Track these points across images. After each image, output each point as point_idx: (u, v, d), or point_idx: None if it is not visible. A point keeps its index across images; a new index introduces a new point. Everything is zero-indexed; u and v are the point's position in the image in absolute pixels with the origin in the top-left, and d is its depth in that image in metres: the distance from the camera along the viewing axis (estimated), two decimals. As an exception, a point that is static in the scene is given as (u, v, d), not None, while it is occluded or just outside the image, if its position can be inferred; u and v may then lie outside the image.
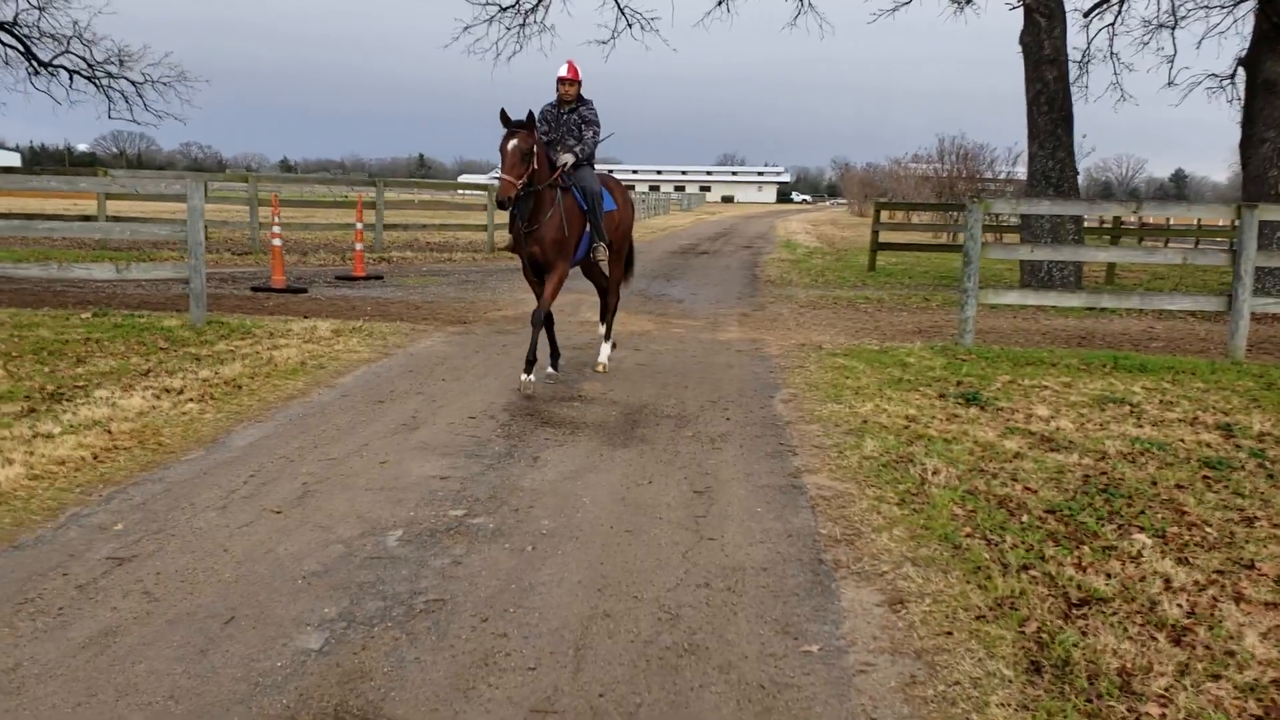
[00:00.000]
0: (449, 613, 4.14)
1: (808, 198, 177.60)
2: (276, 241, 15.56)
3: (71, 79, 22.90)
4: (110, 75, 23.03)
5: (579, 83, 8.90)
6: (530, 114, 8.08)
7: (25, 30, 22.14)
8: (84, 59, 22.83)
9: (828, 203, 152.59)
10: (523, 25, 21.86)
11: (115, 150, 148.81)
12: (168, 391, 7.71)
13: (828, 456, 6.64)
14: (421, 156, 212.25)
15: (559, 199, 8.41)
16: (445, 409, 7.67)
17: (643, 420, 7.57)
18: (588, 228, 8.79)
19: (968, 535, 5.10)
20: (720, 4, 23.00)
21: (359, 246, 17.63)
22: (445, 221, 25.28)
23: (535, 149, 8.02)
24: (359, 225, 17.65)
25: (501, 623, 4.07)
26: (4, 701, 3.36)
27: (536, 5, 21.75)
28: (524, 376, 8.33)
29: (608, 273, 9.75)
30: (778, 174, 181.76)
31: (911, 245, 24.41)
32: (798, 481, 6.09)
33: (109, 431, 6.49)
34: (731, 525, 5.29)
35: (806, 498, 5.78)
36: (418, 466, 6.17)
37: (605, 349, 9.68)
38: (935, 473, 6.16)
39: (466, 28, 21.23)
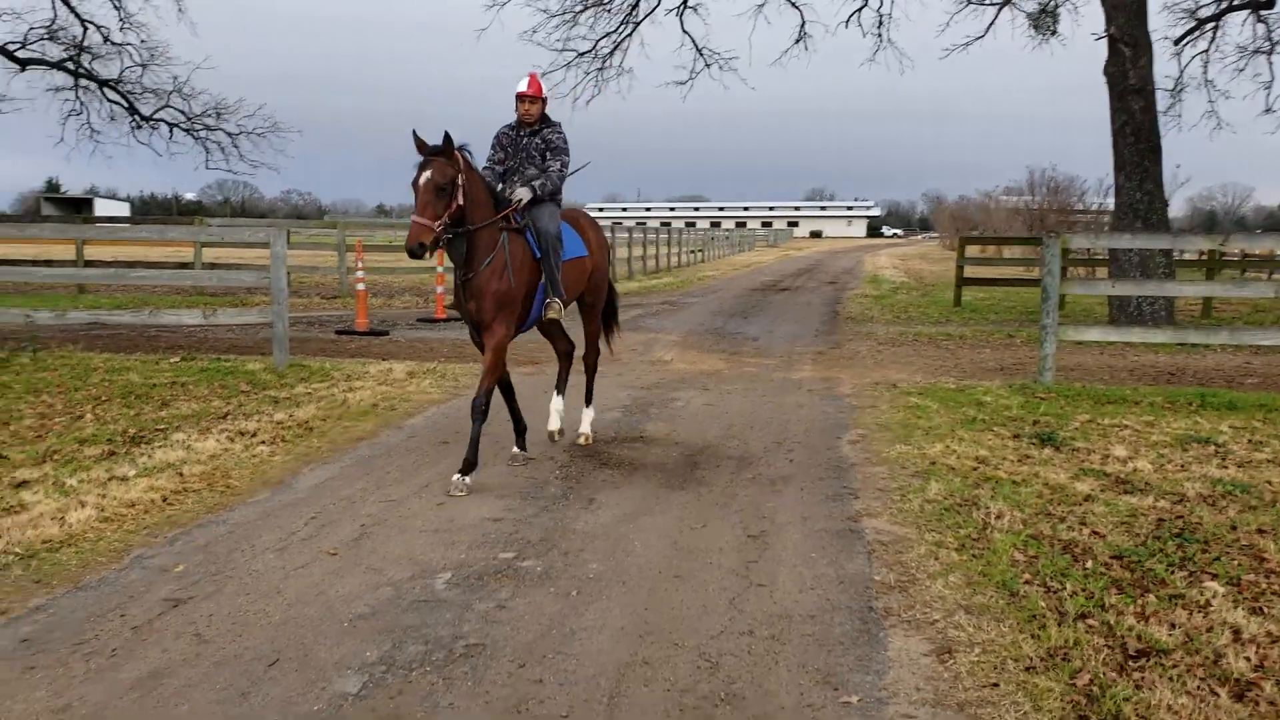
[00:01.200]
0: (487, 658, 4.15)
1: (899, 232, 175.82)
2: (360, 286, 15.97)
3: (171, 131, 23.96)
4: (207, 127, 24.02)
5: (543, 100, 7.37)
6: (447, 136, 6.44)
7: (129, 86, 23.27)
8: (183, 112, 23.89)
9: (919, 236, 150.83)
10: (600, 69, 22.17)
11: (220, 198, 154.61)
12: (241, 434, 7.93)
13: (890, 500, 6.51)
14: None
15: (504, 242, 6.82)
16: (508, 449, 7.73)
17: (703, 462, 7.52)
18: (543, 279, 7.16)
19: (1026, 582, 4.94)
20: (798, 42, 23.04)
21: (439, 289, 17.98)
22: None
23: (460, 180, 6.45)
24: (439, 269, 18.01)
25: (539, 669, 4.06)
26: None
27: (614, 50, 22.06)
28: (455, 477, 6.58)
29: (566, 332, 8.28)
30: (867, 208, 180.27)
31: (999, 280, 23.94)
32: (856, 526, 5.98)
33: (180, 474, 6.70)
34: (783, 571, 5.21)
35: (864, 543, 5.67)
36: (474, 508, 6.22)
37: (586, 414, 8.23)
38: (999, 516, 5.99)
39: (543, 74, 21.55)
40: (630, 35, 22.54)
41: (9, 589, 4.77)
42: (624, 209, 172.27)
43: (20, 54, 21.90)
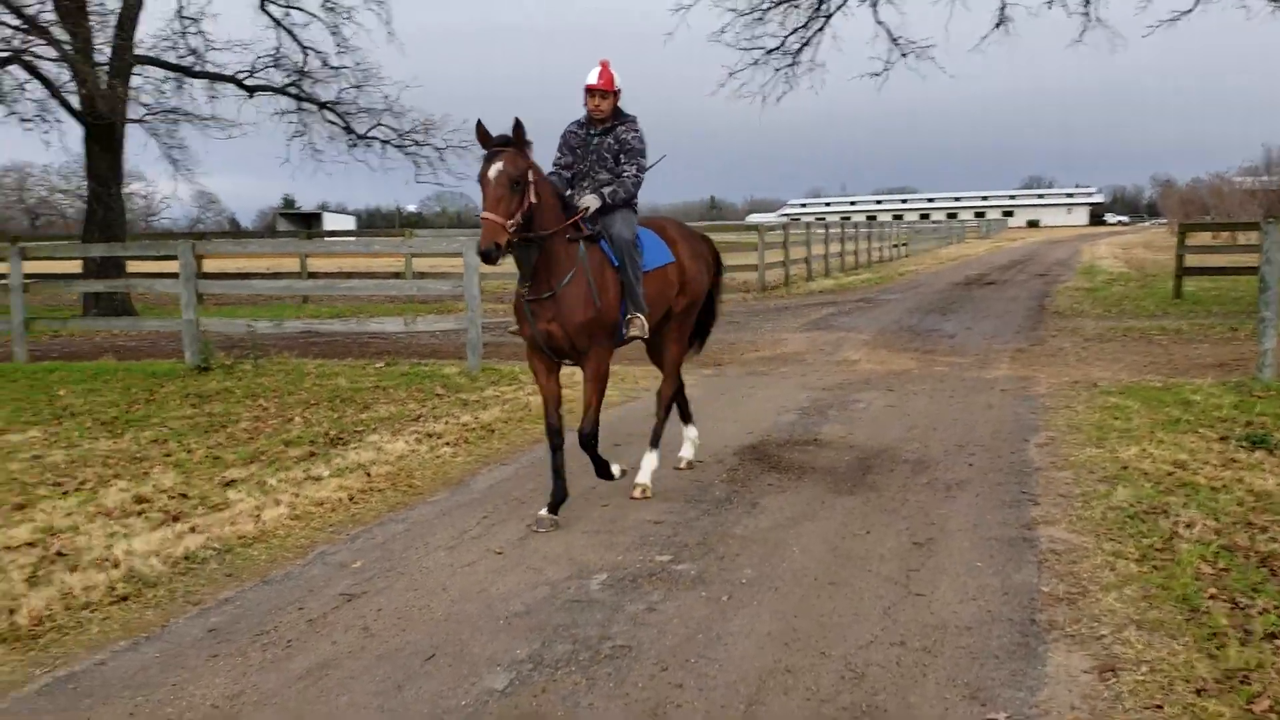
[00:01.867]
0: (631, 659, 4.22)
1: (1124, 219, 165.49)
2: (552, 290, 16.43)
3: (384, 148, 25.39)
4: (416, 143, 25.32)
5: (615, 93, 6.35)
6: (518, 124, 5.59)
7: (345, 107, 24.82)
8: (394, 129, 25.25)
9: (1146, 223, 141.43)
10: (791, 65, 21.96)
11: (438, 209, 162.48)
12: (429, 435, 8.34)
13: (1071, 506, 6.17)
14: (712, 198, 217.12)
15: (582, 255, 5.98)
16: (677, 453, 7.79)
17: (876, 466, 7.35)
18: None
19: (1211, 597, 4.59)
20: (998, 26, 22.10)
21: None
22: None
23: (531, 175, 5.62)
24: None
25: (680, 673, 4.09)
26: (320, 705, 3.76)
27: (804, 46, 21.81)
28: (541, 513, 6.05)
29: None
30: (1089, 194, 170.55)
31: (1225, 269, 22.19)
32: (1030, 534, 5.70)
33: (368, 474, 7.12)
34: (944, 580, 5.04)
35: (1035, 552, 5.40)
36: (637, 510, 6.32)
37: (648, 461, 6.88)
38: (1189, 525, 5.58)
39: (732, 73, 21.57)
40: (821, 29, 22.23)
41: (203, 582, 5.21)
42: (827, 204, 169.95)
43: (249, 82, 23.72)
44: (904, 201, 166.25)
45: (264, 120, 27.01)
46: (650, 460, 6.85)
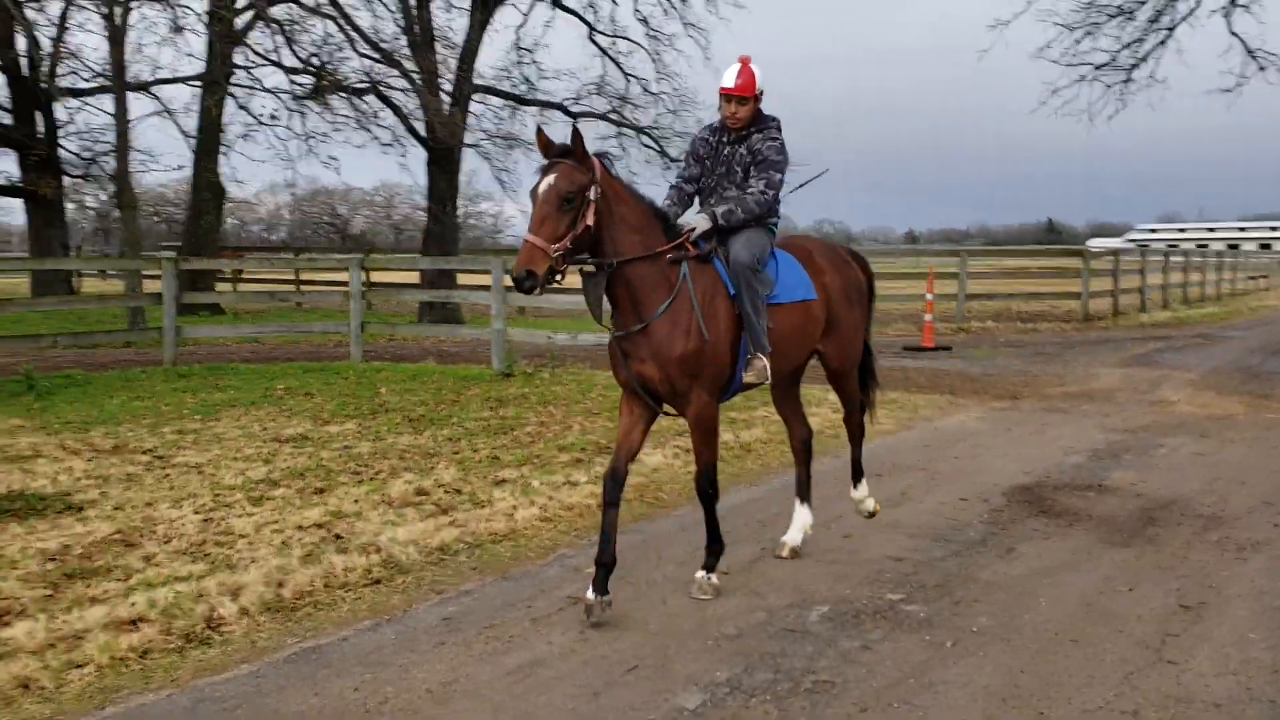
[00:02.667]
0: (831, 696, 4.08)
1: None
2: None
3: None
4: (728, 165, 25.93)
5: (755, 98, 5.38)
6: (576, 133, 4.81)
7: (660, 132, 25.77)
8: (707, 152, 26.01)
9: None
10: (1125, 81, 20.40)
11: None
12: (687, 451, 8.46)
13: (1393, 584, 5.31)
14: (1050, 221, 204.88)
15: (685, 277, 5.03)
16: (941, 488, 7.44)
17: (1162, 518, 6.66)
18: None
19: None
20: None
21: (928, 317, 17.67)
22: (1035, 290, 24.29)
23: (593, 193, 4.75)
24: (929, 296, 17.71)
25: (879, 716, 3.91)
26: (431, 709, 4.01)
27: (1141, 60, 20.18)
28: (699, 574, 5.32)
29: (804, 412, 6.42)
30: None
31: None
32: (1330, 610, 4.96)
33: (620, 485, 7.33)
34: (1205, 650, 4.49)
35: (1331, 631, 4.69)
36: (879, 544, 6.09)
37: (859, 492, 6.30)
38: None
39: (1055, 91, 20.33)
40: (1163, 43, 20.51)
41: (450, 572, 5.57)
42: (1180, 230, 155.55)
43: (574, 108, 25.17)
44: (1274, 229, 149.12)
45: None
46: (860, 491, 6.27)
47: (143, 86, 24.70)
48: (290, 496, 7.05)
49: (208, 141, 24.03)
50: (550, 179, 4.69)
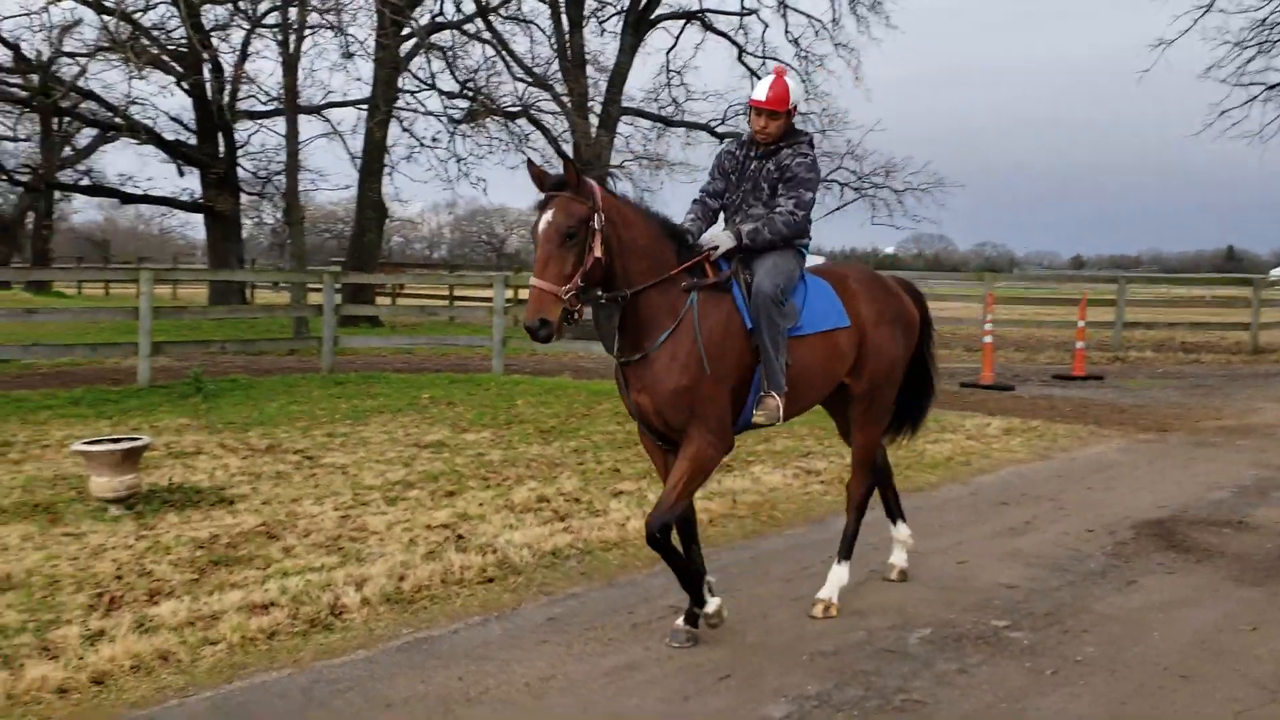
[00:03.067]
0: (920, 716, 4.09)
1: None
2: (987, 339, 15.86)
3: (841, 191, 25.97)
4: (874, 185, 25.62)
5: (788, 113, 5.03)
6: (568, 162, 4.65)
7: (807, 153, 25.80)
8: (853, 172, 25.79)
9: None
10: (1303, 100, 19.29)
11: (915, 251, 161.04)
12: (808, 473, 8.49)
13: None
14: (1230, 248, 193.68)
15: (692, 305, 4.67)
16: (1068, 519, 7.24)
17: (1306, 558, 6.33)
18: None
19: None
20: None
21: (1080, 345, 17.07)
22: (1202, 320, 23.09)
23: (597, 221, 4.40)
24: (1080, 323, 17.10)
25: (965, 738, 3.90)
26: (527, 701, 4.20)
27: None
28: (679, 622, 4.93)
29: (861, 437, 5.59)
30: None
31: None
32: None
33: (734, 501, 7.42)
34: (1327, 696, 4.28)
35: None
36: (994, 571, 6.00)
37: (835, 575, 5.41)
38: None
39: (1222, 112, 19.38)
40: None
41: (559, 576, 5.78)
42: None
43: (719, 129, 25.41)
44: None
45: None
46: (839, 574, 5.39)
47: (314, 110, 26.21)
48: (423, 498, 7.41)
49: (372, 162, 25.24)
50: (549, 215, 4.37)
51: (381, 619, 5.04)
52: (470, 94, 23.50)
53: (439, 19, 24.55)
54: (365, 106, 25.12)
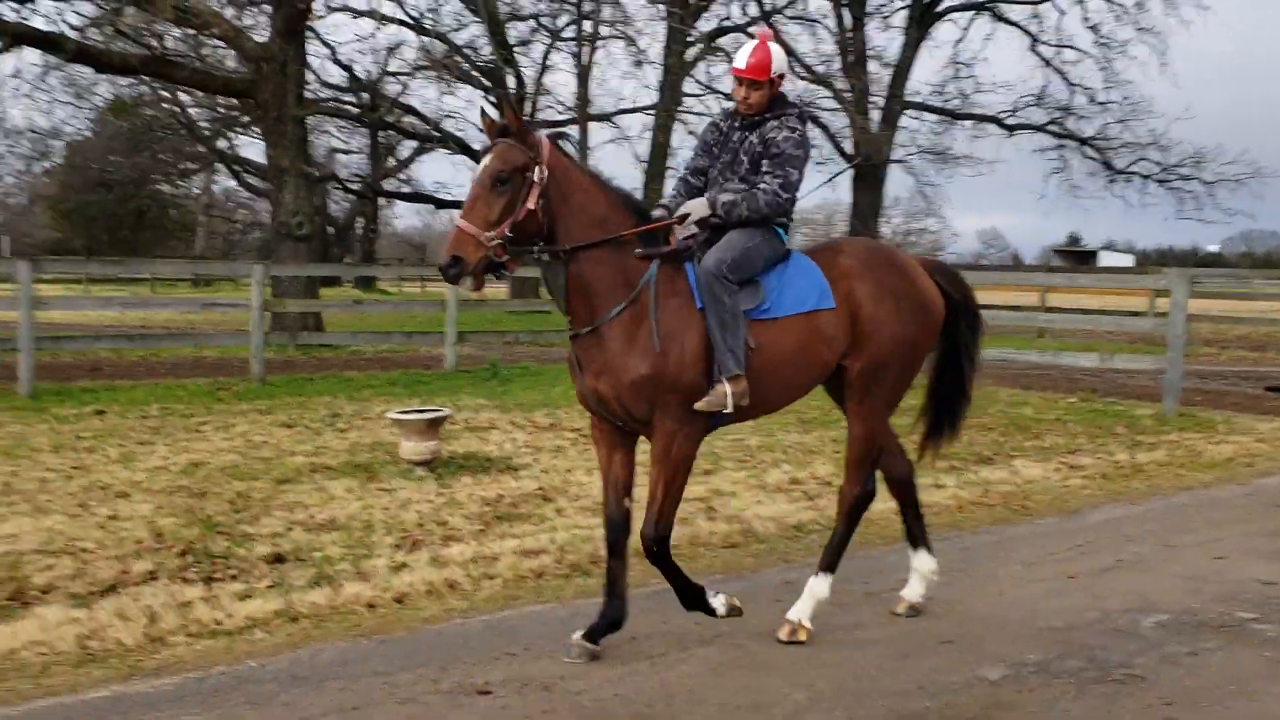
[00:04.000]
0: (1138, 688, 4.16)
1: None
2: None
3: (1144, 183, 24.48)
4: (1181, 177, 23.94)
5: (771, 82, 4.60)
6: (509, 108, 4.36)
7: (1106, 143, 24.43)
8: (1157, 163, 24.21)
9: None
10: None
11: (1243, 249, 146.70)
12: (1071, 468, 8.35)
13: None
14: None
15: (650, 281, 4.38)
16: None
17: None
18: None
19: None
20: None
21: None
22: None
23: (537, 174, 4.18)
24: None
25: (1185, 711, 3.95)
26: (753, 646, 4.64)
27: None
28: (576, 636, 4.51)
29: (899, 441, 5.33)
30: None
31: None
32: None
33: (985, 490, 7.49)
34: None
35: None
36: (1252, 567, 5.80)
37: (811, 588, 4.87)
38: None
39: None
40: None
41: (801, 547, 6.18)
42: None
43: (1009, 121, 24.64)
44: None
45: (1021, 158, 27.73)
46: (816, 589, 4.84)
47: (605, 117, 27.75)
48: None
49: (656, 165, 26.41)
50: (485, 160, 4.21)
51: (634, 570, 5.59)
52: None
53: (725, 23, 25.33)
54: (652, 112, 26.34)
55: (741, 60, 4.59)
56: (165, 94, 28.45)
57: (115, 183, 43.08)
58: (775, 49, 4.62)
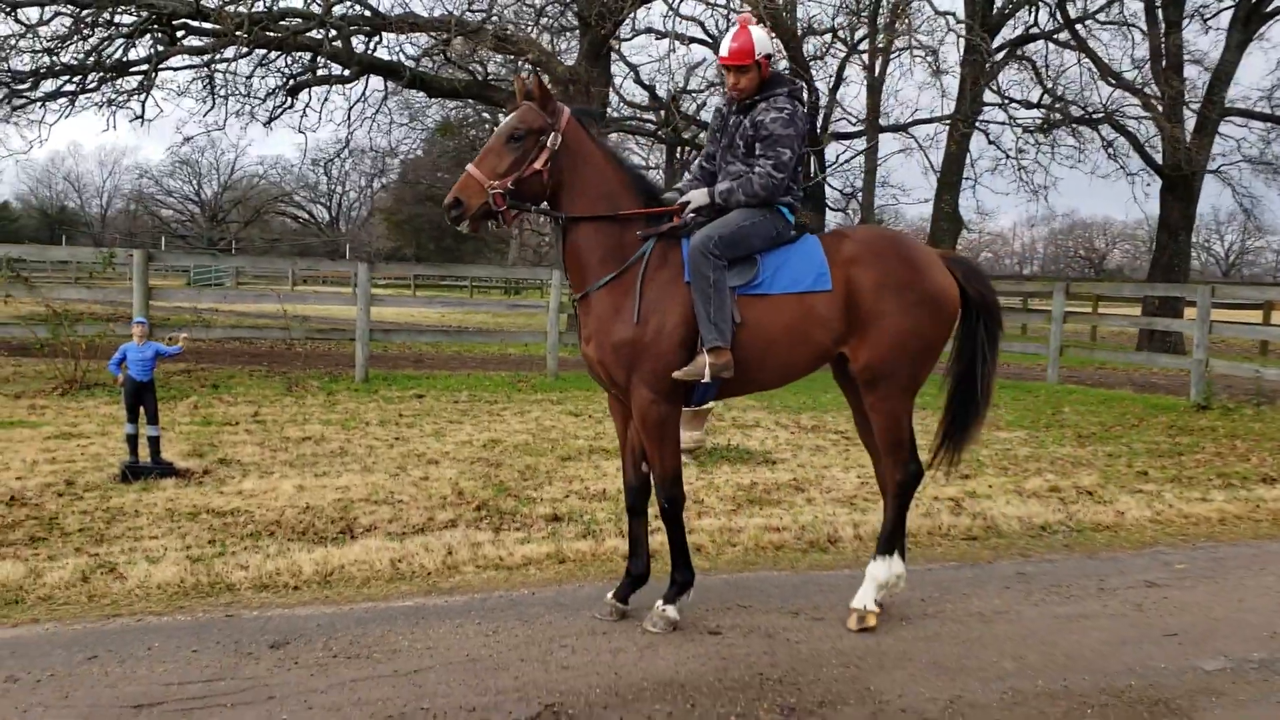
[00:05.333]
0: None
1: None
2: None
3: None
4: None
5: (757, 64, 4.67)
6: (536, 78, 4.63)
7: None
8: None
9: None
10: None
11: None
12: None
13: None
14: None
15: (644, 256, 4.62)
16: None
17: None
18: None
19: None
20: None
21: None
22: None
23: (551, 140, 4.50)
24: None
25: None
26: (974, 623, 4.90)
27: None
28: (609, 596, 4.92)
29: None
30: None
31: None
32: None
33: (1255, 507, 7.23)
34: None
35: None
36: None
37: (874, 571, 4.91)
38: None
39: None
40: None
41: (1041, 544, 6.30)
42: None
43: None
44: None
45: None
46: (878, 572, 4.90)
47: (899, 128, 27.62)
48: (938, 476, 8.17)
49: (948, 175, 25.98)
50: (509, 117, 4.57)
51: (866, 550, 5.99)
52: (1048, 105, 23.25)
53: (1032, 29, 24.55)
54: (947, 121, 25.91)
55: (725, 49, 4.73)
56: (487, 115, 31.16)
57: (441, 197, 47.30)
58: (756, 31, 4.72)
